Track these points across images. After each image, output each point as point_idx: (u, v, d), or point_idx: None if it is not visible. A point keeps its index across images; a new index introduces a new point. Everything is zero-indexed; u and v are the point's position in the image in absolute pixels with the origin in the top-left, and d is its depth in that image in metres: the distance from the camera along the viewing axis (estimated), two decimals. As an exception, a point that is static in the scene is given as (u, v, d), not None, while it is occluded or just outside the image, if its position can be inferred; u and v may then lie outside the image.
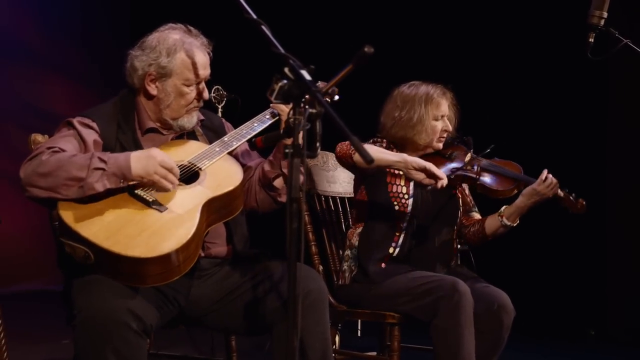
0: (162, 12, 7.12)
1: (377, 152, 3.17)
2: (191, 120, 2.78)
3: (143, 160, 2.48)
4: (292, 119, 1.97)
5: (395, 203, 3.31)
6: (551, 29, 5.89)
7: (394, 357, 3.17)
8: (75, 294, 2.43)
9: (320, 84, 2.65)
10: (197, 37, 2.78)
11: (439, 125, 3.38)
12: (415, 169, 3.12)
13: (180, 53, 2.71)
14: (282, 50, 2.06)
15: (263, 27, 2.13)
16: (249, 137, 2.77)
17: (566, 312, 5.90)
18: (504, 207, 3.39)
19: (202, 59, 2.74)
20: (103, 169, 2.45)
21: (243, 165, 2.83)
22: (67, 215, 2.44)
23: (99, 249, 2.37)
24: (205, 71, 2.75)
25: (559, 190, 3.28)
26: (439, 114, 3.37)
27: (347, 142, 3.23)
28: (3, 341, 2.80)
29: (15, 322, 3.48)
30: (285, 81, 2.00)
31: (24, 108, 7.11)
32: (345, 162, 3.26)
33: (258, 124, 2.80)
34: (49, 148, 2.53)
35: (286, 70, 2.00)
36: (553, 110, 6.02)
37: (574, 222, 3.37)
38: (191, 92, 2.74)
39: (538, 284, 5.95)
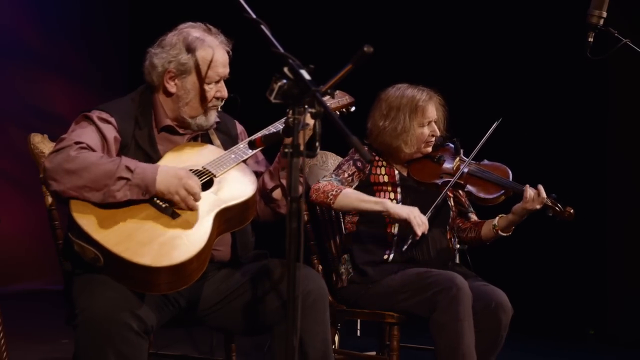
0: (161, 12, 7.15)
1: (357, 201, 3.20)
2: (209, 119, 2.77)
3: (168, 179, 2.48)
4: (291, 119, 1.97)
5: None
6: (551, 29, 5.89)
7: (394, 356, 3.18)
8: (77, 294, 2.43)
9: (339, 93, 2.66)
10: (216, 36, 2.77)
11: (426, 131, 3.36)
12: (396, 219, 3.16)
13: (200, 50, 2.70)
14: (282, 50, 2.06)
15: (262, 27, 2.13)
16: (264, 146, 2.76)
17: (566, 311, 5.90)
18: (498, 218, 3.38)
19: (222, 57, 2.74)
20: (128, 179, 2.44)
21: (255, 173, 2.81)
22: (80, 215, 2.43)
23: (108, 253, 2.37)
24: (225, 69, 2.75)
25: (548, 200, 3.25)
26: (425, 121, 3.35)
27: (322, 189, 3.22)
28: (3, 341, 2.79)
29: (15, 322, 3.48)
30: (284, 81, 1.99)
31: (23, 108, 7.11)
32: (324, 207, 3.29)
33: (275, 131, 2.77)
34: (77, 143, 2.50)
35: (285, 70, 2.00)
36: (553, 110, 6.02)
37: (574, 221, 3.36)
38: (210, 90, 2.73)
39: (538, 283, 5.95)
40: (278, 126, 2.80)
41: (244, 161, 2.73)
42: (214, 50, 2.72)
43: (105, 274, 2.40)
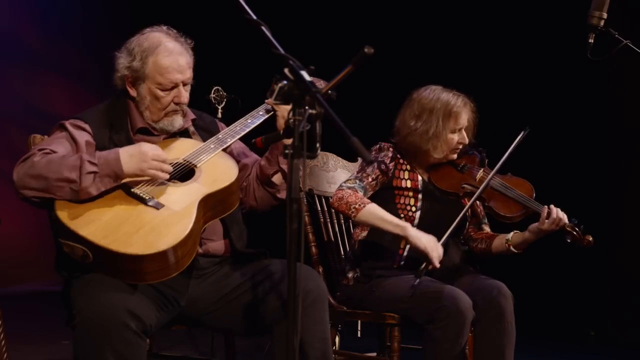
0: (162, 12, 7.16)
1: (379, 220, 3.11)
2: (173, 123, 2.76)
3: (135, 158, 2.49)
4: (291, 120, 1.97)
5: (402, 216, 3.25)
6: (551, 29, 5.89)
7: (394, 358, 3.17)
8: (75, 295, 2.44)
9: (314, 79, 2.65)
10: (176, 40, 2.75)
11: (455, 138, 3.27)
12: (414, 247, 3.08)
13: (153, 57, 2.70)
14: (282, 51, 2.06)
15: (263, 28, 2.13)
16: (243, 133, 2.77)
17: (567, 313, 5.90)
18: (512, 233, 3.32)
19: (177, 63, 2.71)
20: (95, 172, 2.46)
21: (239, 163, 2.83)
22: (64, 214, 2.45)
23: (97, 247, 2.38)
24: (181, 75, 2.72)
25: (566, 225, 3.22)
26: (457, 127, 3.26)
27: (346, 200, 3.13)
28: (3, 342, 2.80)
29: (15, 323, 3.48)
30: (285, 82, 2.00)
31: (24, 109, 7.12)
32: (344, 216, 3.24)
33: (252, 120, 2.79)
34: (40, 150, 2.54)
35: (286, 71, 2.00)
36: (553, 111, 6.02)
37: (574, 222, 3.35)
38: (166, 97, 2.72)
39: (539, 284, 5.95)
40: (256, 115, 2.80)
41: (225, 150, 2.75)
42: (167, 57, 2.70)
43: (97, 270, 2.41)
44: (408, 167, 3.34)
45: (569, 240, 3.25)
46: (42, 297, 6.67)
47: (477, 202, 3.37)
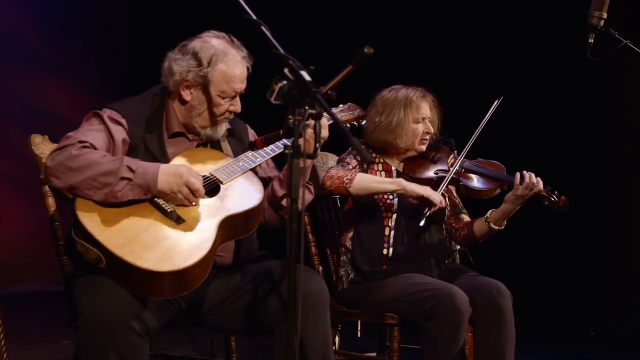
0: (161, 12, 7.16)
1: (374, 183, 3.25)
2: (219, 130, 2.76)
3: (170, 177, 2.47)
4: (291, 120, 1.97)
5: (381, 204, 3.33)
6: (551, 29, 5.89)
7: (394, 357, 3.18)
8: (79, 295, 2.43)
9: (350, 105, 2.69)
10: (239, 49, 2.75)
11: (420, 127, 3.40)
12: (413, 197, 3.22)
13: (221, 64, 2.68)
14: (282, 51, 2.06)
15: (263, 28, 2.13)
16: (273, 154, 2.76)
17: (566, 312, 5.90)
18: (490, 211, 3.39)
19: (241, 72, 2.72)
20: (129, 179, 2.44)
21: (267, 178, 2.82)
22: (84, 215, 2.42)
23: (111, 255, 2.36)
24: (242, 85, 2.73)
25: (541, 190, 3.28)
26: (419, 117, 3.39)
27: (337, 175, 3.23)
28: (3, 342, 2.80)
29: (15, 323, 3.48)
30: (284, 82, 2.00)
31: (23, 109, 7.12)
32: (340, 194, 3.31)
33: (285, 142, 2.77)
34: (80, 142, 2.50)
35: (286, 71, 2.00)
36: (553, 110, 6.02)
37: (575, 222, 3.36)
38: (224, 104, 2.71)
39: (538, 284, 5.95)
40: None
41: (253, 169, 2.73)
42: (234, 65, 2.70)
43: (107, 276, 2.39)
44: (381, 160, 3.46)
45: (546, 203, 3.32)
46: (42, 297, 6.67)
47: (453, 187, 3.50)
